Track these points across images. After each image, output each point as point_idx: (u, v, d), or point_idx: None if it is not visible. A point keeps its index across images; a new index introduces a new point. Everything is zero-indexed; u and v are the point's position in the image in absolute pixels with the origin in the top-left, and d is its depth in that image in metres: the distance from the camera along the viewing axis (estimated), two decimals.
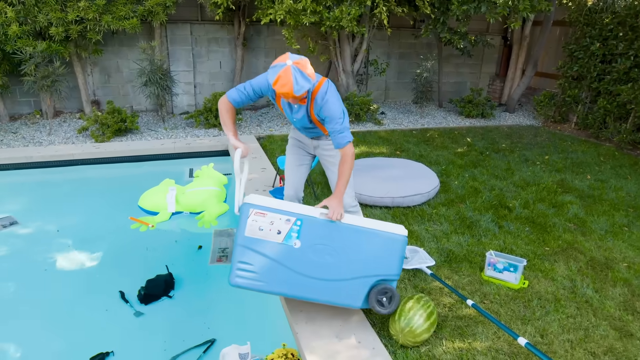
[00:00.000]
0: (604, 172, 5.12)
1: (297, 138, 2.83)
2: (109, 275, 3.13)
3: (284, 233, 2.26)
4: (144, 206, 3.87)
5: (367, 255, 2.31)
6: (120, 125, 5.97)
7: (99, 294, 2.92)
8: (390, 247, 2.33)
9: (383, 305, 2.33)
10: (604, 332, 2.45)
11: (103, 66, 7.14)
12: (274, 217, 2.25)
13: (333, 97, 2.37)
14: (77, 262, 3.29)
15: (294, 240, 2.27)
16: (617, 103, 6.17)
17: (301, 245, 2.28)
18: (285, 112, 2.61)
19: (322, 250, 2.29)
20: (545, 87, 8.34)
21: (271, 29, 7.90)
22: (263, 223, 2.25)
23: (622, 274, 3.04)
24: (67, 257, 3.34)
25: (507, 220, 3.80)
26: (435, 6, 6.81)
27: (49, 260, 3.31)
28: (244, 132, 6.56)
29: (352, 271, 2.32)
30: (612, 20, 6.26)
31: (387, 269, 2.34)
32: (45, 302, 2.84)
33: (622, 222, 3.84)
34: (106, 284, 3.02)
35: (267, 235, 2.25)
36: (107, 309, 2.77)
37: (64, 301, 2.85)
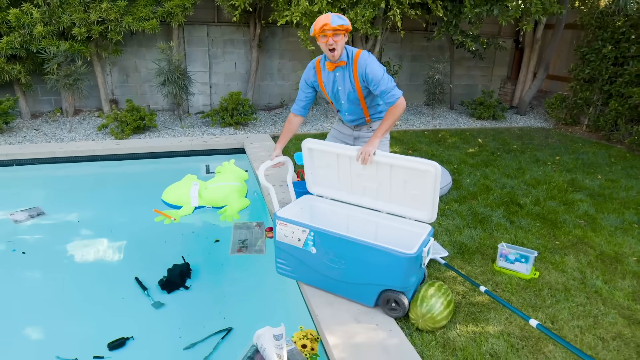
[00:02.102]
0: (614, 173, 5.17)
1: (339, 129, 3.08)
2: (128, 265, 3.22)
3: (303, 240, 2.60)
4: (167, 200, 4.01)
5: (373, 267, 2.42)
6: (139, 123, 6.14)
7: (118, 282, 3.00)
8: (394, 263, 2.34)
9: (393, 309, 2.45)
10: (612, 320, 2.53)
11: (122, 66, 7.35)
12: (294, 228, 2.61)
13: (374, 60, 2.66)
14: (97, 252, 3.41)
15: (311, 247, 2.59)
16: (628, 105, 6.21)
17: (317, 252, 2.58)
18: (328, 93, 2.84)
19: (334, 258, 2.53)
20: (557, 89, 8.39)
21: (286, 30, 8.05)
22: (286, 231, 2.64)
23: (631, 267, 3.11)
24: (88, 247, 3.46)
25: (518, 216, 3.88)
26: (447, 9, 6.92)
27: (72, 249, 3.43)
28: (259, 131, 6.70)
29: (361, 278, 2.49)
30: (624, 23, 6.32)
31: (392, 281, 2.40)
32: (68, 289, 2.94)
33: (632, 220, 3.90)
34: (125, 273, 3.10)
35: (291, 241, 2.66)
36: (124, 297, 2.84)
37: (84, 288, 2.95)
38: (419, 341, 2.32)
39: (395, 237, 2.71)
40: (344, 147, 2.77)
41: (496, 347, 2.29)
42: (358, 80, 2.68)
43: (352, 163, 2.76)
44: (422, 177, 2.50)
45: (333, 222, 3.02)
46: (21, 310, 2.71)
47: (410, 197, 2.63)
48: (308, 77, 2.88)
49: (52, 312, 2.71)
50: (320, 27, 2.54)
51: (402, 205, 2.70)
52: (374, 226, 2.85)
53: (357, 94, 2.76)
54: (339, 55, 2.64)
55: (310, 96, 2.94)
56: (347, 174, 2.84)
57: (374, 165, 2.67)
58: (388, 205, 2.77)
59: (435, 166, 2.43)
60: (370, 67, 2.62)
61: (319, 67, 2.85)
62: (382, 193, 2.76)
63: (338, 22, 2.54)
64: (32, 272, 3.14)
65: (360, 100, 2.80)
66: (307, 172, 3.01)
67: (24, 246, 3.43)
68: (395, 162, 2.57)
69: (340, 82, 2.77)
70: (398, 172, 2.61)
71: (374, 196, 2.81)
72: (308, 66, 2.90)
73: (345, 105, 2.87)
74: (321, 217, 3.07)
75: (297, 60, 8.33)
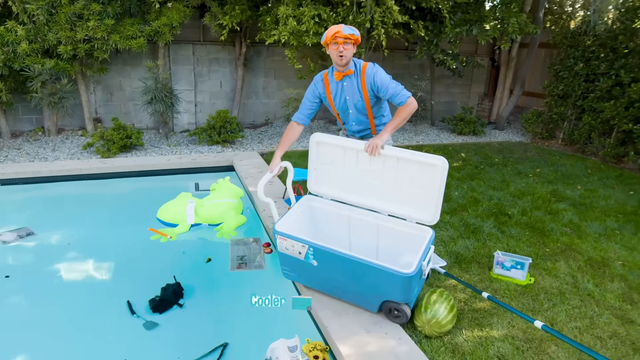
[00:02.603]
0: (592, 183, 5.42)
1: None
2: (120, 286, 3.13)
3: (303, 254, 2.64)
4: (163, 218, 3.98)
5: (373, 283, 2.44)
6: (125, 142, 6.09)
7: (110, 304, 2.92)
8: (394, 281, 2.36)
9: (397, 316, 2.50)
10: (607, 320, 2.65)
11: (106, 84, 7.29)
12: (294, 243, 2.64)
13: (380, 68, 2.80)
14: (88, 273, 3.32)
15: (312, 260, 2.62)
16: (601, 119, 6.55)
17: (318, 264, 2.61)
18: (335, 104, 2.93)
19: (334, 272, 2.57)
20: (532, 105, 8.75)
21: (270, 50, 8.18)
22: (287, 245, 2.67)
23: (618, 270, 3.27)
24: (78, 269, 3.37)
25: (507, 226, 4.02)
26: (429, 29, 7.19)
27: (61, 271, 3.34)
28: (246, 149, 6.73)
29: (362, 290, 2.54)
30: (593, 42, 6.70)
31: (393, 296, 2.44)
32: (57, 312, 2.84)
33: (614, 227, 4.09)
34: (117, 294, 3.02)
35: (292, 254, 2.70)
36: (119, 319, 2.77)
37: (76, 311, 2.86)
38: (429, 347, 2.38)
39: (398, 242, 2.77)
40: (351, 140, 2.84)
41: (502, 350, 2.37)
42: (366, 89, 2.79)
43: (359, 157, 2.81)
44: (430, 172, 2.55)
45: (334, 225, 3.04)
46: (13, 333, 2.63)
47: (415, 195, 2.66)
48: (316, 88, 2.97)
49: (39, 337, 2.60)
50: (333, 34, 2.66)
51: (405, 205, 2.73)
52: (375, 229, 2.88)
53: (365, 103, 2.86)
54: (347, 62, 2.75)
55: (315, 106, 3.01)
56: (353, 169, 2.87)
57: (380, 159, 2.72)
58: (390, 205, 2.80)
59: (443, 161, 2.51)
60: (378, 75, 2.76)
61: (326, 78, 2.94)
62: (386, 191, 2.78)
63: (349, 31, 2.68)
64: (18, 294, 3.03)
65: (367, 109, 2.90)
66: (311, 169, 3.04)
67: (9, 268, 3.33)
68: (403, 155, 2.64)
69: (348, 91, 2.87)
70: (405, 166, 2.66)
71: (377, 195, 2.83)
72: (315, 79, 2.99)
73: (352, 114, 2.97)
74: (322, 220, 3.09)
75: (282, 79, 8.45)
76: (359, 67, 2.81)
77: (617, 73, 6.27)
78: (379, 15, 6.39)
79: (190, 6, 6.58)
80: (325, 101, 3.02)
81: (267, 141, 7.27)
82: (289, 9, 6.09)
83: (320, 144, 2.94)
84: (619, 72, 6.23)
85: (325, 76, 2.96)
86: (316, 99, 3.00)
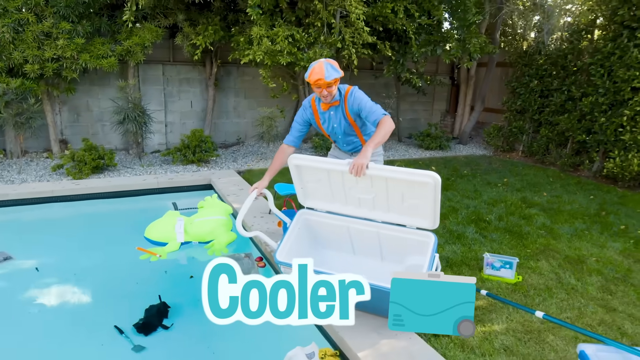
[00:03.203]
0: (555, 190, 5.81)
1: (336, 155, 3.19)
2: (103, 311, 3.00)
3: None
4: (151, 237, 3.89)
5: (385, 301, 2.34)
6: (98, 163, 5.91)
7: (93, 328, 2.79)
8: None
9: None
10: (593, 309, 2.86)
11: (72, 105, 7.08)
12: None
13: (361, 93, 2.85)
14: (67, 298, 3.19)
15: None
16: (557, 131, 7.06)
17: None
18: (325, 129, 2.97)
19: None
20: (491, 121, 9.28)
21: (241, 70, 8.26)
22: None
23: (593, 266, 3.53)
24: (57, 294, 3.22)
25: (488, 231, 4.24)
26: (395, 49, 7.53)
27: (39, 296, 3.18)
28: (222, 168, 6.70)
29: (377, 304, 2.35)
30: (545, 61, 7.27)
31: None
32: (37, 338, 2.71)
33: (582, 228, 4.41)
34: (99, 318, 2.89)
35: None
36: (103, 343, 2.64)
37: (57, 337, 2.73)
38: (438, 345, 2.47)
39: (402, 250, 2.84)
40: (333, 161, 2.75)
41: (506, 342, 2.50)
42: (351, 116, 2.87)
43: (345, 177, 2.70)
44: (421, 188, 2.50)
45: (335, 237, 3.05)
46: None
47: (409, 207, 2.64)
48: (305, 114, 3.03)
49: None
50: (315, 81, 2.67)
51: (402, 214, 2.72)
52: (377, 237, 2.90)
53: (352, 127, 2.95)
54: (332, 98, 2.82)
55: (305, 129, 3.07)
56: (340, 188, 2.80)
57: (367, 178, 2.61)
58: (387, 215, 2.78)
59: (434, 177, 2.43)
60: (359, 101, 2.80)
61: (314, 105, 2.99)
62: (379, 204, 2.74)
63: (332, 76, 2.67)
64: None
65: (356, 131, 2.99)
66: (297, 187, 2.98)
67: None
68: (390, 175, 2.54)
69: (335, 120, 2.94)
70: (394, 184, 2.58)
71: (371, 207, 2.79)
72: (304, 104, 3.04)
73: (342, 137, 3.05)
74: (321, 233, 3.07)
75: (252, 99, 8.52)
76: (342, 95, 2.85)
77: (568, 89, 6.82)
78: (349, 36, 6.65)
79: (162, 26, 6.57)
80: (315, 125, 3.08)
81: (242, 160, 7.27)
82: (262, 30, 6.22)
83: (300, 167, 2.84)
84: (570, 88, 6.77)
85: (313, 103, 3.00)
86: (306, 124, 3.06)
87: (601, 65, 6.24)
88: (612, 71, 6.09)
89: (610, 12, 6.14)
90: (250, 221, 4.32)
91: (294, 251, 2.79)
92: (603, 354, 1.96)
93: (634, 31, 5.84)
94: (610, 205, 5.15)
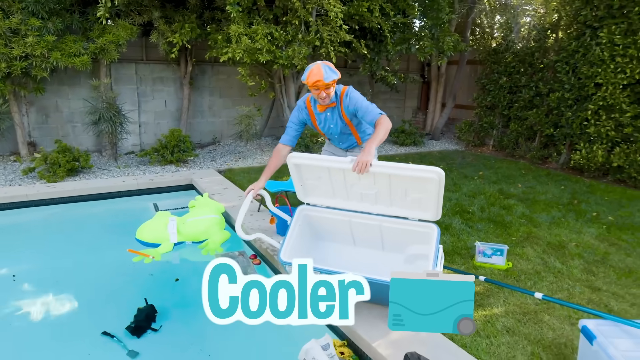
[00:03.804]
0: (528, 182, 6.09)
1: (331, 150, 3.22)
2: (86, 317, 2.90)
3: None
4: (143, 239, 3.80)
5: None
6: (73, 165, 5.71)
7: (79, 337, 2.69)
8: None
9: None
10: (580, 290, 3.05)
11: (41, 105, 6.78)
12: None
13: (356, 93, 2.88)
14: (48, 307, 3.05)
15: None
16: (526, 126, 7.40)
17: None
18: (321, 128, 2.99)
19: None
20: (461, 117, 9.59)
21: (215, 68, 8.16)
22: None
23: (574, 250, 3.75)
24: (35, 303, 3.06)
25: (473, 222, 4.41)
26: (370, 47, 7.66)
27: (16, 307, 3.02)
28: (201, 168, 6.61)
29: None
30: (513, 58, 7.60)
31: None
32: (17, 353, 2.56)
33: (558, 216, 4.66)
34: (84, 326, 2.79)
35: None
36: (89, 352, 2.53)
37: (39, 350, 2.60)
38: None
39: (405, 242, 2.91)
40: (334, 159, 2.74)
41: (507, 323, 2.63)
42: (347, 117, 2.92)
43: (346, 174, 2.71)
44: (425, 184, 2.56)
45: (336, 231, 3.08)
46: None
47: (412, 201, 2.70)
48: (301, 115, 3.03)
49: None
50: (314, 82, 2.69)
51: (404, 208, 2.77)
52: (379, 230, 2.94)
53: (349, 127, 3.00)
54: (329, 101, 2.86)
55: (301, 130, 3.08)
56: (342, 185, 2.81)
57: (370, 175, 2.63)
58: (388, 208, 2.82)
59: (438, 173, 2.49)
60: (355, 101, 2.84)
61: (310, 107, 3.00)
62: (381, 199, 2.79)
63: (331, 77, 2.70)
64: None
65: (352, 130, 3.04)
66: (297, 185, 2.97)
67: None
68: (394, 172, 2.60)
69: (331, 121, 2.98)
70: (398, 180, 2.63)
71: (373, 202, 2.83)
72: (299, 105, 3.04)
73: (338, 137, 3.10)
74: (322, 229, 3.10)
75: (227, 97, 8.43)
76: (338, 97, 2.87)
77: (536, 85, 7.16)
78: (327, 34, 6.71)
79: (136, 24, 6.41)
80: (311, 125, 3.10)
81: (220, 159, 7.20)
82: (241, 28, 6.18)
83: (299, 165, 2.82)
84: (538, 84, 7.12)
85: (308, 104, 3.01)
86: (301, 124, 3.07)
87: (566, 63, 6.59)
88: (576, 68, 6.45)
89: (574, 12, 6.50)
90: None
91: (297, 249, 2.80)
92: (603, 327, 2.11)
93: (595, 30, 6.21)
94: (580, 195, 5.46)
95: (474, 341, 2.47)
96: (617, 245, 3.88)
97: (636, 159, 5.76)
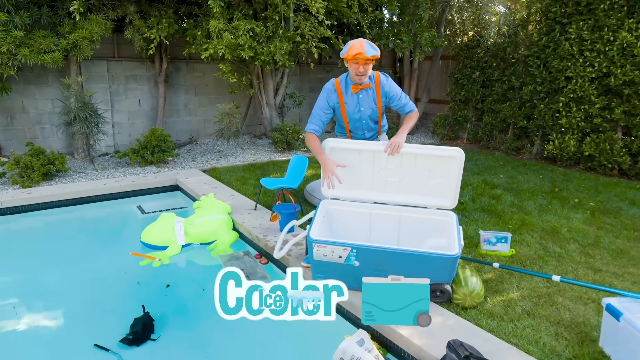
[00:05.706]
0: (509, 172, 6.33)
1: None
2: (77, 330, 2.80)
3: (344, 257, 2.67)
4: (149, 242, 3.65)
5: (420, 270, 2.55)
6: (48, 168, 5.40)
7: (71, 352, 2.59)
8: (441, 264, 2.55)
9: (438, 296, 2.72)
10: (584, 272, 3.21)
11: (5, 106, 6.36)
12: (334, 247, 2.66)
13: (392, 81, 3.01)
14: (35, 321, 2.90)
15: (353, 261, 2.68)
16: (499, 119, 7.67)
17: (360, 264, 2.67)
18: (351, 113, 2.99)
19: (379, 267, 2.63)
20: (434, 111, 9.81)
21: (190, 66, 7.94)
22: (325, 252, 2.67)
23: (568, 235, 3.94)
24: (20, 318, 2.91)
25: (468, 211, 4.53)
26: None
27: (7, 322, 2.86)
28: (183, 168, 6.43)
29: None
30: (485, 54, 7.85)
31: (439, 278, 2.63)
32: None
33: (544, 203, 4.87)
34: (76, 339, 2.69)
35: (331, 259, 2.70)
36: None
37: None
38: (469, 316, 2.63)
39: (424, 229, 2.97)
40: (366, 142, 2.96)
41: (525, 307, 2.73)
42: (380, 100, 2.96)
43: (376, 157, 2.92)
44: (448, 163, 2.80)
45: (353, 225, 3.12)
46: None
47: (434, 186, 2.88)
48: (330, 98, 2.97)
49: None
50: (354, 55, 2.71)
51: (424, 195, 2.95)
52: (397, 220, 3.04)
53: (378, 112, 3.04)
54: (365, 80, 2.88)
55: (329, 116, 3.02)
56: (369, 170, 2.98)
57: (398, 158, 2.88)
58: (409, 197, 2.97)
59: (460, 152, 2.77)
60: (392, 87, 2.96)
61: (339, 89, 2.98)
62: (403, 185, 2.95)
63: (372, 52, 2.74)
64: None
65: (379, 117, 3.08)
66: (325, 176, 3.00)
67: None
68: (421, 151, 2.87)
69: (364, 103, 2.98)
70: (424, 161, 2.86)
71: (394, 189, 2.98)
72: (327, 88, 2.99)
73: (365, 123, 3.09)
74: (339, 222, 3.14)
75: (203, 95, 8.23)
76: (373, 79, 2.93)
77: (509, 79, 7.43)
78: (308, 30, 6.68)
79: (110, 19, 6.12)
80: (337, 111, 3.04)
81: (201, 158, 7.02)
82: (221, 23, 6.05)
83: (334, 149, 2.98)
84: (510, 78, 7.39)
85: (337, 86, 2.97)
86: (330, 110, 2.99)
87: (537, 57, 6.89)
88: (547, 62, 6.75)
89: (544, 9, 6.79)
90: (240, 219, 4.21)
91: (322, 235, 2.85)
92: (627, 304, 2.23)
93: (565, 26, 6.52)
94: (559, 183, 5.73)
95: (500, 326, 2.55)
96: (604, 229, 4.11)
97: (605, 148, 6.12)
